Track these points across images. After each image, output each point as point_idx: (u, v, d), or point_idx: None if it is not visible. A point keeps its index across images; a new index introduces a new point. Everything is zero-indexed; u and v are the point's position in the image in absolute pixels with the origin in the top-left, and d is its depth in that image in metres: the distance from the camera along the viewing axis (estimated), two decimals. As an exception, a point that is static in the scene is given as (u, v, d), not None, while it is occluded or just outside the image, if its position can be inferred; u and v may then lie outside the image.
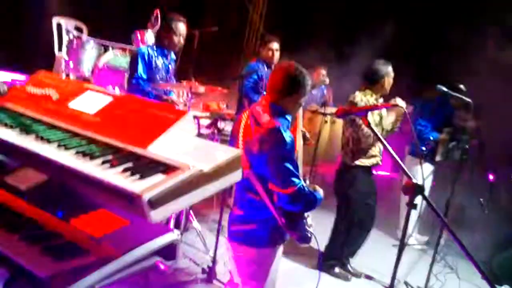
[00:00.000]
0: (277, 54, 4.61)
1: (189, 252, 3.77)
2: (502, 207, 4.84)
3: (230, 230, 2.39)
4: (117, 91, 4.27)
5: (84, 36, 5.66)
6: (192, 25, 4.95)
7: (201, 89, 3.54)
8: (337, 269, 4.03)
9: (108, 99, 1.56)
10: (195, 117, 3.62)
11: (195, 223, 3.90)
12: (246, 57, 8.37)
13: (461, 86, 4.37)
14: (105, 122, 1.46)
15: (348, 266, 4.09)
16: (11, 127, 1.45)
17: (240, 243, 2.33)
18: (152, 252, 1.24)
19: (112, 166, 1.22)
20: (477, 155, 5.06)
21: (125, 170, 1.20)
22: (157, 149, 1.31)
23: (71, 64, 5.18)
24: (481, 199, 3.59)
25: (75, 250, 1.15)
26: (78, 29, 5.85)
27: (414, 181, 1.79)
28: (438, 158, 4.90)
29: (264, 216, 2.25)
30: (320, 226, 3.98)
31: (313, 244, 2.27)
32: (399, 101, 3.42)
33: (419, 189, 1.77)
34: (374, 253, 4.53)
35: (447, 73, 5.50)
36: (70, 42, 5.32)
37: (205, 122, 3.72)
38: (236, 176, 1.39)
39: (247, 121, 2.31)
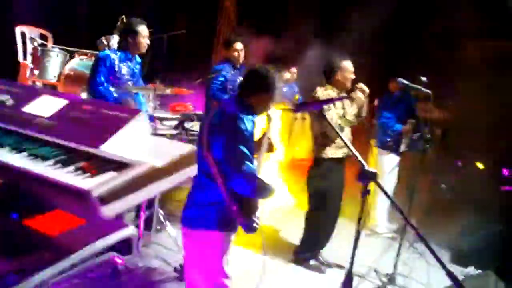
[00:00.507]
0: (242, 54, 4.65)
1: (161, 252, 3.79)
2: (469, 191, 5.01)
3: (183, 216, 2.45)
4: (83, 96, 4.24)
5: (49, 44, 5.62)
6: (161, 29, 5.02)
7: (167, 91, 3.57)
8: (312, 262, 4.11)
9: (63, 103, 1.59)
10: (161, 118, 3.65)
11: (167, 224, 3.93)
12: (217, 57, 8.43)
13: (423, 78, 4.51)
14: (59, 124, 1.49)
15: (320, 257, 4.18)
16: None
17: (192, 227, 2.40)
18: (107, 248, 1.28)
19: (64, 166, 1.25)
20: (441, 142, 5.25)
21: (76, 169, 1.23)
22: (110, 148, 1.35)
23: (36, 72, 5.14)
24: (443, 185, 3.71)
25: (29, 248, 1.18)
26: (43, 37, 5.79)
27: (367, 168, 1.86)
28: (402, 148, 5.03)
29: (216, 199, 2.33)
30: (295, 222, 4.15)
31: (289, 238, 2.30)
32: (358, 93, 3.51)
33: (372, 176, 1.85)
34: (345, 243, 4.63)
35: (412, 65, 5.70)
36: (34, 50, 5.28)
37: (173, 123, 3.75)
38: (191, 171, 1.44)
39: (215, 111, 2.40)
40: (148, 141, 1.42)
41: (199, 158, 2.37)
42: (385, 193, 1.92)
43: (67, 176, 1.21)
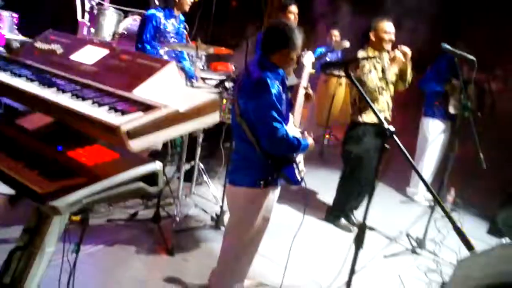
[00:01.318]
0: (297, 17, 4.64)
1: (200, 203, 4.06)
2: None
3: (228, 174, 2.64)
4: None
5: (105, 3, 5.88)
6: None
7: (208, 50, 3.72)
8: (342, 221, 4.24)
9: (105, 52, 1.78)
10: (202, 78, 3.81)
11: (205, 177, 4.17)
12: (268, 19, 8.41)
13: (461, 44, 4.39)
14: (100, 71, 1.68)
15: (352, 218, 4.29)
16: (19, 76, 1.69)
17: (235, 183, 2.57)
18: (136, 178, 1.46)
19: (100, 105, 1.44)
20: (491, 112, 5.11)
21: (110, 108, 1.42)
22: (141, 92, 1.52)
23: (93, 30, 5.43)
24: (481, 154, 3.66)
25: (68, 173, 1.38)
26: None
27: (386, 126, 1.94)
28: (451, 110, 4.90)
29: (254, 159, 2.47)
30: (331, 182, 4.28)
31: (321, 197, 2.40)
32: (397, 52, 3.53)
33: (390, 134, 1.92)
34: (381, 208, 4.70)
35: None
36: (91, 8, 5.55)
37: (214, 82, 3.90)
38: (212, 118, 1.60)
39: (243, 75, 2.51)
40: (176, 88, 1.58)
41: (234, 123, 2.53)
42: (403, 151, 1.98)
43: (102, 113, 1.40)
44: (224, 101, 3.69)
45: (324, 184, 4.90)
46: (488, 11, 6.94)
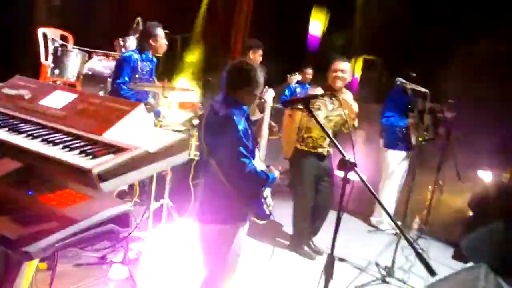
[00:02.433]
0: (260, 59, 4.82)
1: (170, 242, 4.00)
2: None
3: (197, 212, 2.66)
4: (100, 94, 4.51)
5: (69, 45, 5.91)
6: (175, 31, 5.28)
7: (176, 89, 3.81)
8: (305, 248, 4.36)
9: (73, 96, 1.82)
10: (170, 115, 3.87)
11: (174, 215, 4.15)
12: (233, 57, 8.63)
13: (413, 74, 4.65)
14: (69, 115, 1.71)
15: (312, 245, 4.40)
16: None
17: (204, 222, 2.59)
18: (107, 220, 1.49)
19: (71, 150, 1.47)
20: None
21: (81, 152, 1.45)
22: (111, 135, 1.57)
23: (57, 71, 5.43)
24: (440, 181, 3.85)
25: (40, 218, 1.40)
26: (63, 38, 6.09)
27: (347, 157, 2.03)
28: (414, 141, 5.10)
29: (223, 196, 2.51)
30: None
31: (289, 228, 2.45)
32: (347, 96, 3.76)
33: (350, 165, 2.02)
34: (349, 238, 4.80)
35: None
36: (55, 50, 5.57)
37: (181, 119, 3.96)
38: (182, 157, 1.64)
39: (208, 112, 2.58)
40: (145, 129, 1.63)
41: (202, 161, 2.58)
42: (364, 182, 2.07)
43: (73, 158, 1.43)
44: (192, 138, 3.75)
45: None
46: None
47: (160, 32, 4.00)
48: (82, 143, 1.51)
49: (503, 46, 6.43)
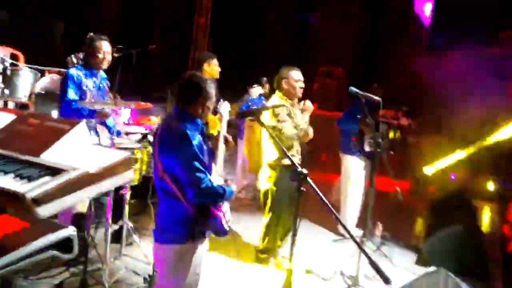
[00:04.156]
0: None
1: (131, 265, 3.89)
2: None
3: (154, 231, 2.57)
4: (54, 115, 4.34)
5: (19, 64, 5.71)
6: (135, 44, 5.19)
7: (131, 105, 3.72)
8: (272, 260, 4.32)
9: (11, 117, 1.73)
10: (126, 132, 3.78)
11: (135, 236, 4.03)
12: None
13: (374, 85, 4.75)
14: (6, 137, 1.62)
15: (279, 257, 4.38)
16: None
17: (161, 242, 2.51)
18: (48, 246, 1.40)
19: (5, 173, 1.39)
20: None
21: (16, 176, 1.37)
22: (49, 156, 1.49)
23: (7, 92, 5.22)
24: (397, 187, 3.91)
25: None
26: (14, 56, 5.88)
27: (299, 169, 2.02)
28: (367, 148, 5.17)
29: (180, 213, 2.45)
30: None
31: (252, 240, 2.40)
32: (307, 102, 3.81)
33: (303, 176, 2.00)
34: (314, 249, 4.81)
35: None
36: (4, 70, 5.35)
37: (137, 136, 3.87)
38: (127, 176, 1.58)
39: (161, 128, 2.52)
40: (86, 149, 1.56)
41: (157, 177, 2.51)
42: (317, 193, 2.06)
43: (7, 182, 1.35)
44: (148, 155, 3.66)
45: (257, 227, 4.93)
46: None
47: (102, 45, 3.85)
48: (17, 166, 1.43)
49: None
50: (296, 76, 4.06)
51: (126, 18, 7.67)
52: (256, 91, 6.38)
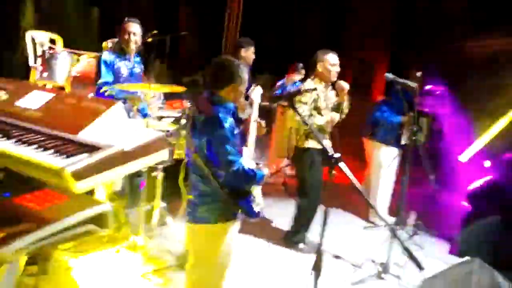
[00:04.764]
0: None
1: (164, 244, 3.97)
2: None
3: (187, 212, 2.62)
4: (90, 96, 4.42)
5: (58, 47, 5.85)
6: (165, 31, 5.23)
7: (164, 89, 3.77)
8: (301, 245, 4.33)
9: (50, 96, 1.78)
10: (159, 117, 3.83)
11: (167, 217, 4.11)
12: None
13: (418, 73, 4.62)
14: (45, 115, 1.67)
15: (308, 241, 4.39)
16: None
17: (195, 222, 2.55)
18: (85, 221, 1.45)
19: (45, 150, 1.43)
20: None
21: (55, 152, 1.41)
22: (87, 134, 1.53)
23: (45, 74, 5.37)
24: (431, 176, 3.82)
25: (15, 220, 1.36)
26: (52, 41, 6.03)
27: (331, 153, 2.00)
28: (403, 141, 5.08)
29: (212, 195, 2.47)
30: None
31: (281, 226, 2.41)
32: (344, 84, 3.80)
33: (336, 160, 1.98)
34: (345, 235, 4.78)
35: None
36: (43, 53, 5.50)
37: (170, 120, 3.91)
38: (161, 155, 1.62)
39: (193, 112, 2.54)
40: (122, 128, 1.59)
41: (189, 159, 2.54)
42: (350, 178, 2.03)
43: (47, 157, 1.39)
44: (182, 138, 3.71)
45: (285, 212, 4.95)
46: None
47: (130, 26, 3.91)
48: (57, 143, 1.48)
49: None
50: (332, 60, 4.02)
51: (157, 5, 7.72)
52: (292, 79, 6.32)
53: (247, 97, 3.43)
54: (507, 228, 4.35)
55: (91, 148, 1.41)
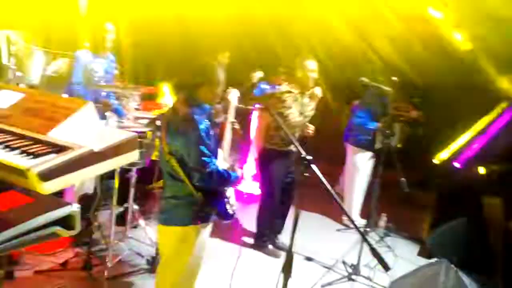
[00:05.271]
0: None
1: (135, 247, 3.94)
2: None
3: (159, 213, 2.62)
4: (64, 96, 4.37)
5: (32, 46, 5.75)
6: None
7: (140, 89, 3.76)
8: (270, 247, 4.39)
9: (20, 95, 1.76)
10: (136, 117, 3.81)
11: (139, 219, 4.09)
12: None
13: (394, 78, 4.72)
14: (14, 114, 1.65)
15: (278, 243, 4.44)
16: None
17: (167, 224, 2.55)
18: (51, 222, 1.43)
19: (12, 149, 1.42)
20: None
21: (22, 152, 1.40)
22: (56, 134, 1.52)
23: (19, 73, 5.27)
24: (402, 178, 3.91)
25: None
26: (27, 39, 5.92)
27: (303, 154, 2.04)
28: (377, 145, 5.18)
29: (185, 197, 2.49)
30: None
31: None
32: (316, 90, 3.82)
33: (307, 161, 2.02)
34: (317, 237, 4.84)
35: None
36: (17, 51, 5.40)
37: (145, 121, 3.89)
38: (131, 156, 1.61)
39: (168, 113, 2.55)
40: (93, 128, 1.58)
41: (163, 160, 2.54)
42: (322, 181, 2.07)
43: (13, 157, 1.38)
44: (157, 139, 3.70)
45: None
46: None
47: (109, 27, 3.90)
48: (24, 143, 1.46)
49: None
50: (311, 66, 4.07)
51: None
52: (256, 76, 6.35)
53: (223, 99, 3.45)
54: (474, 230, 4.48)
55: (59, 148, 1.40)
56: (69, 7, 6.59)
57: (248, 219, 4.96)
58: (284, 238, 4.49)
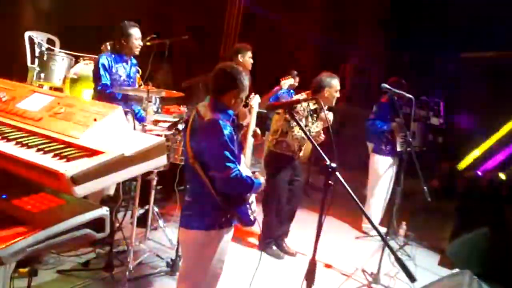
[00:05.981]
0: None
1: (155, 248, 3.97)
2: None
3: (181, 217, 2.63)
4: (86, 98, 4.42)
5: (55, 49, 5.86)
6: (163, 35, 5.23)
7: (162, 93, 3.78)
8: (273, 248, 4.39)
9: (51, 99, 1.79)
10: (156, 121, 3.84)
11: (160, 221, 4.11)
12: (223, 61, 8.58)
13: (403, 81, 4.68)
14: (46, 118, 1.68)
15: (284, 245, 4.43)
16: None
17: (188, 227, 2.55)
18: (82, 224, 1.45)
19: (45, 152, 1.44)
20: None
21: (55, 155, 1.42)
22: (87, 138, 1.54)
23: (43, 75, 5.38)
24: (424, 187, 3.85)
25: (12, 222, 1.36)
26: (50, 41, 6.03)
27: (328, 162, 2.02)
28: (398, 148, 5.11)
29: (208, 201, 2.48)
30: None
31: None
32: (330, 115, 3.90)
33: (333, 170, 2.00)
34: (337, 245, 4.80)
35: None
36: (41, 54, 5.51)
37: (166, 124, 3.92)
38: (160, 161, 1.62)
39: (193, 117, 2.56)
40: (122, 133, 1.60)
41: (187, 164, 2.55)
42: (346, 187, 2.05)
43: (47, 161, 1.40)
44: (178, 143, 3.73)
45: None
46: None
47: (133, 31, 3.91)
48: (57, 146, 1.49)
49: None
50: (338, 86, 4.08)
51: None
52: (287, 82, 6.34)
53: (246, 105, 3.47)
54: (496, 240, 4.39)
55: (91, 152, 1.42)
56: (93, 10, 6.69)
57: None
58: (289, 241, 4.49)
